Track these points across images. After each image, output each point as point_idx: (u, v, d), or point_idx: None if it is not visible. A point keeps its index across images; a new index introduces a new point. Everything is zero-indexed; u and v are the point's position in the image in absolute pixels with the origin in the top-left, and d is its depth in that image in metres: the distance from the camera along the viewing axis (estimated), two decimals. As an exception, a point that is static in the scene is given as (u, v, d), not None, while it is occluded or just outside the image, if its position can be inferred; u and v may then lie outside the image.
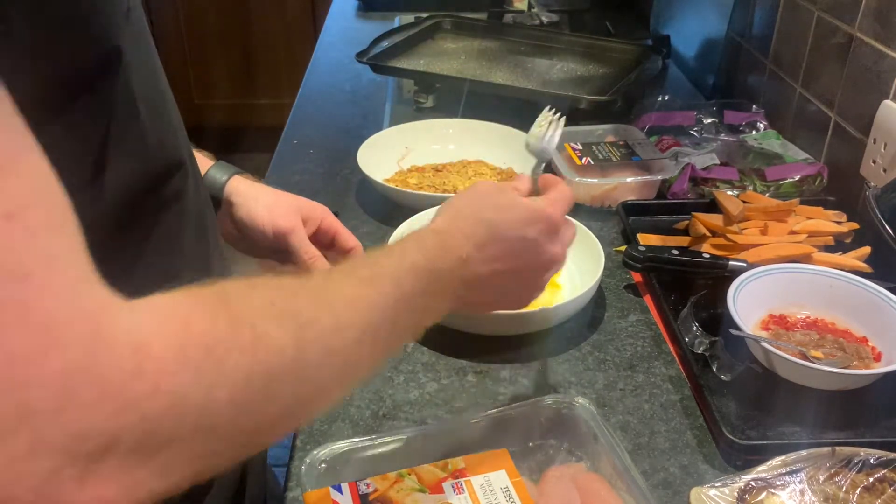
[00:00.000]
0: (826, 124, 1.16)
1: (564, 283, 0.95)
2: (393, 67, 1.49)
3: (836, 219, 1.03)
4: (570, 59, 1.57)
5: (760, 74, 1.37)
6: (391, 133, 1.27)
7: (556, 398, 0.71)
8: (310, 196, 1.17)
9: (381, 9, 2.05)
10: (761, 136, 1.27)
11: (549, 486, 0.65)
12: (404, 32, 1.62)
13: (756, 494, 0.65)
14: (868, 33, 1.04)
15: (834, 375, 0.76)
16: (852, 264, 0.94)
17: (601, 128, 1.28)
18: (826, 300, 0.86)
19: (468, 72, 1.47)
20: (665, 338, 0.89)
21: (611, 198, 1.13)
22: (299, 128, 1.43)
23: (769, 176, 1.14)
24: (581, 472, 0.66)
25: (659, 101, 1.38)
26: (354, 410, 0.77)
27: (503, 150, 1.25)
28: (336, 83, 1.62)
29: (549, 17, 1.84)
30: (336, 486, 0.62)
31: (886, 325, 0.82)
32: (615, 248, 1.04)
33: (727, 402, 0.77)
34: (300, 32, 3.18)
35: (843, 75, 1.11)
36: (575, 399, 0.70)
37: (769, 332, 0.84)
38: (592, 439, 0.68)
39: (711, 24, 1.54)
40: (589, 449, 0.68)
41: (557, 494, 0.63)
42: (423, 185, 1.15)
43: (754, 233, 1.00)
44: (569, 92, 1.40)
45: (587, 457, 0.68)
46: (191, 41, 3.20)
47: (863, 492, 0.66)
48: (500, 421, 0.70)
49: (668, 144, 1.23)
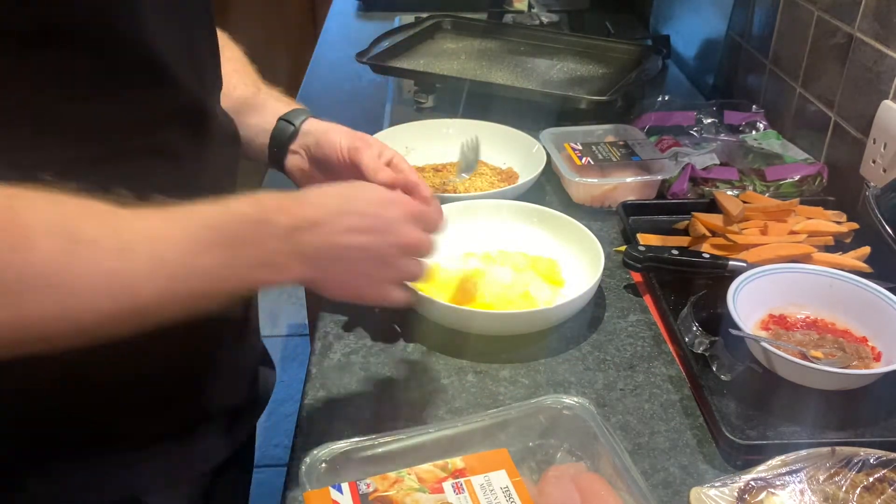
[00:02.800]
0: (826, 124, 1.16)
1: (566, 282, 0.95)
2: (393, 67, 1.49)
3: (835, 219, 1.03)
4: (570, 59, 1.57)
5: (760, 74, 1.37)
6: (391, 133, 1.27)
7: (555, 398, 0.71)
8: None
9: (381, 9, 2.05)
10: (761, 136, 1.27)
11: (548, 485, 0.64)
12: (404, 32, 1.62)
13: (756, 494, 0.65)
14: (868, 33, 1.04)
15: (834, 375, 0.76)
16: (852, 264, 0.94)
17: (601, 128, 1.28)
18: (826, 300, 0.86)
19: (468, 72, 1.47)
20: (665, 338, 0.89)
21: (611, 198, 1.13)
22: (299, 128, 1.43)
23: (769, 176, 1.14)
24: (581, 472, 0.66)
25: (659, 101, 1.38)
26: (354, 410, 0.77)
27: (503, 150, 1.25)
28: (336, 83, 1.62)
29: (549, 17, 1.85)
30: (336, 485, 0.62)
31: (886, 325, 0.82)
32: (615, 248, 1.04)
33: (727, 402, 0.77)
34: (300, 32, 3.18)
35: (843, 75, 1.11)
36: (575, 399, 0.70)
37: (769, 332, 0.84)
38: (592, 439, 0.67)
39: (711, 24, 1.54)
40: (589, 449, 0.68)
41: (557, 494, 0.63)
42: (423, 185, 1.15)
43: (754, 233, 1.00)
44: (569, 92, 1.40)
45: (587, 457, 0.68)
46: (191, 41, 3.20)
47: (863, 492, 0.66)
48: (501, 421, 0.70)
49: (668, 144, 1.23)
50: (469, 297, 0.91)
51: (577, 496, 0.63)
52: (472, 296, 0.91)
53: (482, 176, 1.18)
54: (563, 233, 1.01)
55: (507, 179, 1.18)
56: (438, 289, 0.92)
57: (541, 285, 0.94)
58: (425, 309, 0.87)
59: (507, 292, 0.92)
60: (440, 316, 0.87)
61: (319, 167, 0.88)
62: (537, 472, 0.67)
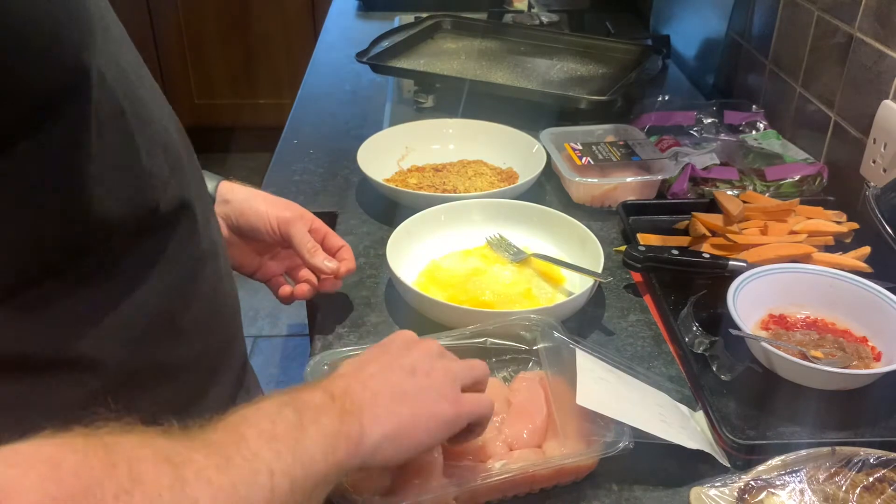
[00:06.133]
0: (826, 124, 1.16)
1: (566, 281, 0.95)
2: (393, 67, 1.49)
3: (836, 219, 1.03)
4: (570, 59, 1.57)
5: (760, 74, 1.37)
6: (391, 133, 1.27)
7: (524, 315, 0.80)
8: (310, 196, 1.19)
9: (381, 9, 2.05)
10: (761, 136, 1.27)
11: (518, 384, 0.76)
12: (404, 32, 1.62)
13: (756, 494, 0.65)
14: (868, 33, 1.04)
15: (834, 375, 0.76)
16: (852, 264, 0.94)
17: (601, 128, 1.28)
18: (826, 300, 0.86)
19: (468, 72, 1.47)
20: (665, 338, 0.89)
21: (611, 198, 1.13)
22: (299, 128, 1.43)
23: (769, 176, 1.14)
24: (546, 377, 0.75)
25: (659, 101, 1.38)
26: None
27: (503, 150, 1.25)
28: (336, 83, 1.62)
29: (549, 17, 1.84)
30: None
31: (886, 325, 0.82)
32: (615, 248, 1.04)
33: (727, 402, 0.77)
34: (300, 32, 3.18)
35: (843, 75, 1.11)
36: (536, 317, 0.80)
37: (769, 332, 0.84)
38: (556, 351, 0.76)
39: (711, 24, 1.54)
40: (554, 358, 0.76)
41: (525, 390, 0.75)
42: (423, 185, 1.15)
43: (754, 233, 1.00)
44: (569, 92, 1.40)
45: (552, 364, 0.76)
46: (191, 41, 3.20)
47: (863, 491, 0.66)
48: (481, 341, 0.78)
49: (668, 144, 1.23)
50: (469, 296, 0.91)
51: (541, 392, 0.74)
52: (473, 295, 0.91)
53: (482, 176, 1.18)
54: (563, 233, 1.01)
55: (507, 179, 1.18)
56: (438, 288, 0.92)
57: (541, 284, 0.94)
58: (425, 308, 0.87)
59: (508, 291, 0.92)
60: (440, 315, 0.86)
61: (243, 236, 0.86)
62: (510, 380, 0.78)
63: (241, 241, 0.86)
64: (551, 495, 0.70)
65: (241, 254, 0.87)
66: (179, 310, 0.60)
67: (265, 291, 0.91)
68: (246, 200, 0.84)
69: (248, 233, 0.85)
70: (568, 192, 1.15)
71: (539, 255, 0.97)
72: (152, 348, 0.58)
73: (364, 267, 1.00)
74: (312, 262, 0.84)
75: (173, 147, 0.60)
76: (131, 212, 0.54)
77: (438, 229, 1.02)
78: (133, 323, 0.55)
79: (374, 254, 1.03)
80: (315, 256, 0.83)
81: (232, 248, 0.85)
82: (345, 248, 0.88)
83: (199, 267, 0.63)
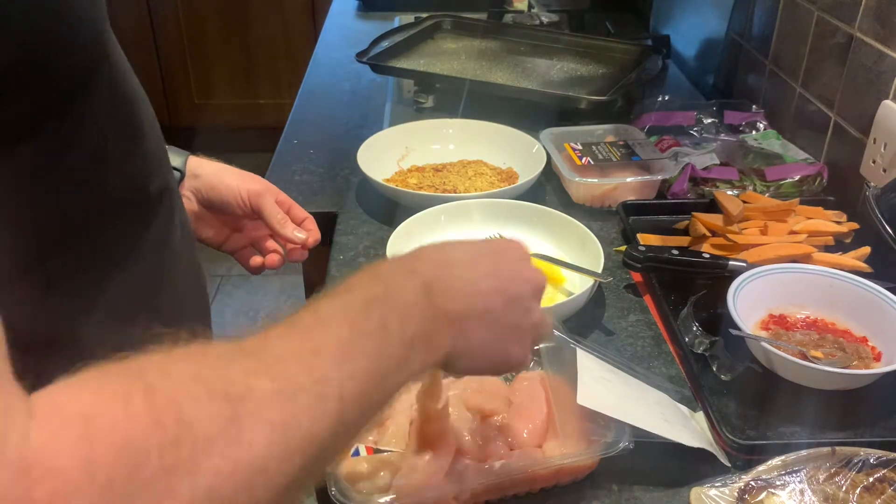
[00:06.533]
0: (826, 124, 1.16)
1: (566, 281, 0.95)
2: (393, 67, 1.49)
3: (836, 219, 1.03)
4: (570, 59, 1.57)
5: (760, 74, 1.37)
6: (391, 133, 1.27)
7: None
8: (309, 196, 1.19)
9: (381, 9, 2.05)
10: (761, 136, 1.27)
11: (519, 384, 0.76)
12: (404, 32, 1.62)
13: (756, 494, 0.65)
14: (868, 33, 1.04)
15: (834, 375, 0.76)
16: (852, 264, 0.94)
17: (601, 128, 1.28)
18: (826, 300, 0.86)
19: (468, 72, 1.47)
20: (665, 338, 0.89)
21: (611, 198, 1.13)
22: (299, 128, 1.43)
23: (769, 176, 1.14)
24: (547, 377, 0.76)
25: (659, 101, 1.38)
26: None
27: (503, 150, 1.25)
28: (336, 83, 1.62)
29: (549, 17, 1.84)
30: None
31: (886, 325, 0.82)
32: (615, 248, 1.04)
33: (727, 402, 0.77)
34: (300, 32, 3.18)
35: (843, 75, 1.11)
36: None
37: (769, 332, 0.84)
38: (557, 351, 0.76)
39: (711, 24, 1.54)
40: (555, 358, 0.77)
41: (526, 390, 0.75)
42: (423, 185, 1.15)
43: (754, 233, 1.00)
44: (569, 92, 1.40)
45: (553, 364, 0.76)
46: (191, 41, 3.20)
47: (863, 492, 0.66)
48: None
49: (668, 144, 1.23)
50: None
51: (542, 392, 0.74)
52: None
53: (482, 176, 1.18)
54: (563, 233, 1.01)
55: (507, 179, 1.18)
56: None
57: (541, 285, 0.94)
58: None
59: (507, 292, 0.92)
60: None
61: (213, 210, 0.87)
62: (510, 379, 0.78)
63: (210, 215, 0.87)
64: (551, 495, 0.70)
65: (210, 227, 0.89)
66: (157, 289, 0.62)
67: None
68: (215, 174, 0.85)
69: (219, 206, 0.86)
70: (568, 192, 1.15)
71: (539, 255, 0.97)
72: (135, 328, 0.58)
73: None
74: (283, 233, 0.86)
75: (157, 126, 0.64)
76: (132, 191, 0.57)
77: (438, 229, 1.02)
78: (120, 302, 0.57)
79: (374, 254, 1.03)
80: (285, 227, 0.85)
81: (201, 221, 0.86)
82: (309, 219, 0.90)
83: (176, 245, 0.65)
